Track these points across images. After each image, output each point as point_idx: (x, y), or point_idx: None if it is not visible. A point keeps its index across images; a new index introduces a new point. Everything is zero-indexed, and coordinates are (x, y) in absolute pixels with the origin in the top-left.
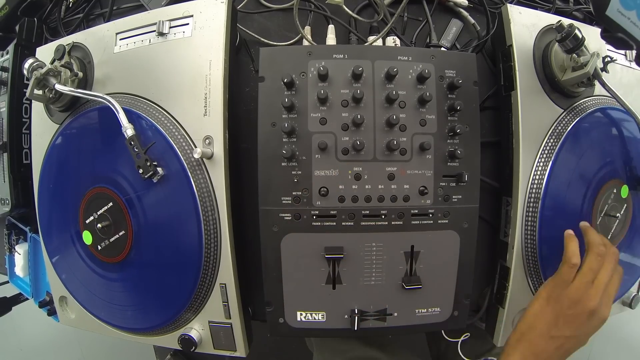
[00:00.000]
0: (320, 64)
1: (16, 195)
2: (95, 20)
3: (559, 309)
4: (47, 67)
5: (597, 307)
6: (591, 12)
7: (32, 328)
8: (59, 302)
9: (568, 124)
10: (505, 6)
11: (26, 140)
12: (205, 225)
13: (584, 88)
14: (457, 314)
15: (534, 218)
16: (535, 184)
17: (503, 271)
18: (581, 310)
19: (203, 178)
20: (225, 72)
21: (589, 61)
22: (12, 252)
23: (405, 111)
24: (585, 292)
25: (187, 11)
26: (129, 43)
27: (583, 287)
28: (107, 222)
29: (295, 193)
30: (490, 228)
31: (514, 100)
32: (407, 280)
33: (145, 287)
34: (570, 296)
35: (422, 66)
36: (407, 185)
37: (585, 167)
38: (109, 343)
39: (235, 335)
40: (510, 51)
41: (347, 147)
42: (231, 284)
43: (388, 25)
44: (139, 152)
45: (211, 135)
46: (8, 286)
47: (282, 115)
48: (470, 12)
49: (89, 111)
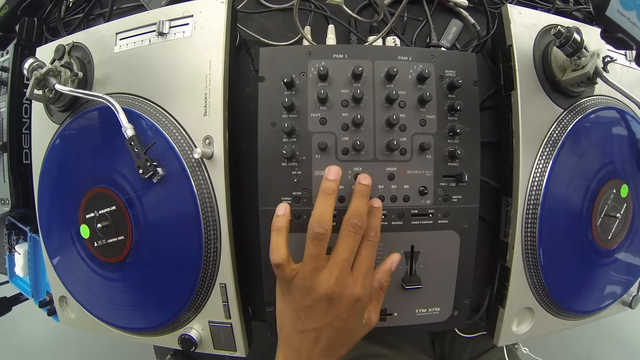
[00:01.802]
0: (320, 63)
1: (16, 195)
2: (95, 20)
3: (294, 302)
4: (47, 67)
5: (332, 293)
6: (591, 12)
7: (32, 328)
8: (59, 302)
9: (568, 124)
10: (505, 6)
11: (26, 140)
12: (205, 225)
13: (584, 88)
14: (457, 314)
15: (534, 218)
16: (535, 184)
17: (503, 271)
18: (315, 299)
19: (203, 178)
20: (225, 72)
21: (589, 61)
22: (12, 252)
23: (405, 111)
24: (314, 278)
25: (187, 11)
26: (129, 43)
27: (308, 275)
28: (107, 222)
29: (295, 193)
30: (490, 228)
31: (514, 100)
32: (407, 280)
33: (145, 287)
34: (299, 286)
35: (422, 66)
36: (407, 185)
37: (586, 167)
38: (109, 343)
39: (235, 335)
40: (510, 51)
41: (347, 147)
42: (231, 284)
43: (388, 25)
44: (139, 153)
45: (211, 135)
46: (8, 286)
47: (282, 115)
48: (470, 12)
49: (89, 111)
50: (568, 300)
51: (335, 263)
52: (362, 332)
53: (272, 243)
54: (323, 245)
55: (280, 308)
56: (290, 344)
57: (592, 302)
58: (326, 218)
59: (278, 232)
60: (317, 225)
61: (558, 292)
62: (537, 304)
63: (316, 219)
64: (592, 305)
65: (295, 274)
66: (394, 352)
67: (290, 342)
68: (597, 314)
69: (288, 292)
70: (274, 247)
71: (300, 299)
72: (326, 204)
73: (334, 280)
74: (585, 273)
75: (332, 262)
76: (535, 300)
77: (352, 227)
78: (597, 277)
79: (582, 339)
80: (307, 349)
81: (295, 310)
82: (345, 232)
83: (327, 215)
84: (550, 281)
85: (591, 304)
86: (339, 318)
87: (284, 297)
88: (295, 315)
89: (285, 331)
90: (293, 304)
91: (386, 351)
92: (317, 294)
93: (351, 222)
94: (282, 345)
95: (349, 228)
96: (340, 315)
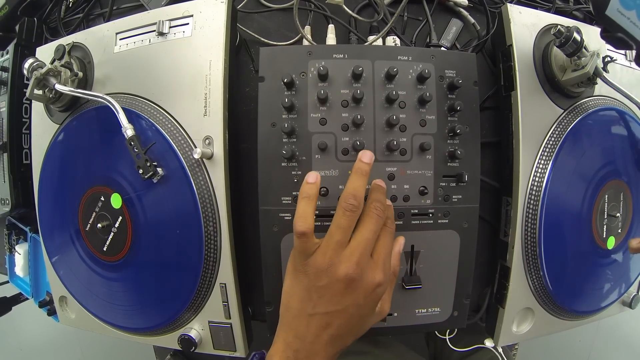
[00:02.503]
0: (320, 63)
1: (16, 195)
2: (95, 20)
3: (308, 282)
4: (47, 67)
5: (353, 273)
6: (591, 11)
7: (32, 328)
8: (59, 302)
9: (568, 124)
10: (505, 6)
11: (26, 140)
12: (205, 225)
13: (584, 88)
14: (457, 314)
15: (534, 218)
16: (535, 184)
17: (503, 271)
18: (333, 279)
19: (203, 178)
20: (225, 72)
21: (589, 61)
22: (12, 252)
23: (405, 111)
24: (335, 257)
25: (187, 11)
26: (129, 43)
27: (329, 251)
28: (107, 222)
29: (295, 193)
30: (490, 228)
31: (514, 100)
32: (407, 280)
33: (145, 286)
34: (316, 264)
35: (422, 66)
36: (407, 185)
37: (586, 167)
38: (109, 343)
39: (235, 335)
40: (510, 51)
41: (347, 147)
42: (231, 284)
43: (388, 25)
44: (139, 153)
45: (211, 136)
46: (8, 286)
47: (282, 115)
48: (470, 11)
49: (89, 111)
50: (568, 301)
51: (359, 243)
52: (373, 322)
53: (299, 210)
54: (353, 220)
55: (289, 287)
56: (294, 328)
57: (592, 302)
58: (360, 194)
59: (307, 199)
60: (351, 198)
61: (558, 292)
62: (537, 304)
63: (351, 193)
64: (592, 305)
65: (315, 248)
66: (380, 350)
67: (294, 326)
68: (597, 314)
69: (302, 269)
70: (301, 214)
71: (315, 277)
72: (360, 182)
73: (356, 260)
74: (586, 273)
75: (355, 241)
76: (535, 301)
77: (376, 210)
78: (597, 277)
79: (582, 339)
80: (313, 335)
81: (307, 290)
82: (369, 214)
83: (361, 192)
84: (550, 281)
85: (591, 304)
86: (355, 304)
87: (295, 275)
88: (307, 295)
89: (290, 313)
90: (306, 283)
91: (372, 349)
92: (337, 273)
93: (374, 205)
94: (284, 329)
95: (373, 211)
96: (357, 301)
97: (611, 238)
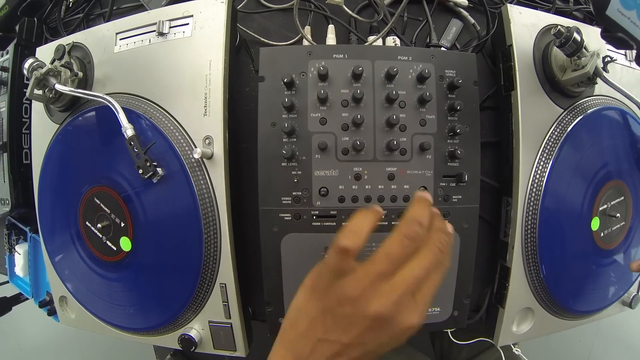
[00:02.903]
0: (320, 63)
1: (16, 195)
2: (95, 20)
3: (327, 304)
4: (47, 67)
5: (387, 313)
6: (591, 12)
7: (32, 328)
8: (59, 302)
9: (568, 124)
10: (505, 6)
11: (26, 140)
12: (205, 225)
13: (584, 88)
14: (457, 314)
15: (534, 218)
16: (535, 184)
17: (503, 271)
18: (359, 313)
19: (203, 178)
20: (225, 72)
21: (589, 61)
22: (12, 252)
23: (405, 111)
24: (370, 288)
25: (187, 11)
26: (129, 43)
27: (367, 281)
28: (106, 222)
29: (295, 193)
30: (490, 228)
31: (514, 100)
32: None
33: (145, 287)
34: (345, 290)
35: (422, 66)
36: (407, 185)
37: (586, 167)
38: (109, 343)
39: (235, 335)
40: (510, 51)
41: (347, 147)
42: (231, 284)
43: (388, 25)
44: (138, 153)
45: (211, 135)
46: (8, 286)
47: (282, 115)
48: (470, 12)
49: (89, 111)
50: (568, 300)
51: (406, 280)
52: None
53: (354, 222)
54: (409, 251)
55: (302, 302)
56: (295, 349)
57: (592, 302)
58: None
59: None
60: (417, 225)
61: (558, 292)
62: (537, 304)
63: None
64: (592, 305)
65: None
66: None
67: (296, 347)
68: (597, 314)
69: (326, 288)
70: (355, 229)
71: (337, 303)
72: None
73: (395, 299)
74: (585, 273)
75: (401, 277)
76: (535, 300)
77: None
78: (597, 277)
79: (582, 339)
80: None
81: (322, 313)
82: (430, 247)
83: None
84: (550, 281)
85: (591, 304)
86: (377, 342)
87: (314, 292)
88: (321, 318)
89: (296, 332)
90: (324, 304)
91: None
92: (367, 308)
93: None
94: (284, 347)
95: (437, 244)
96: (380, 340)
97: (595, 219)
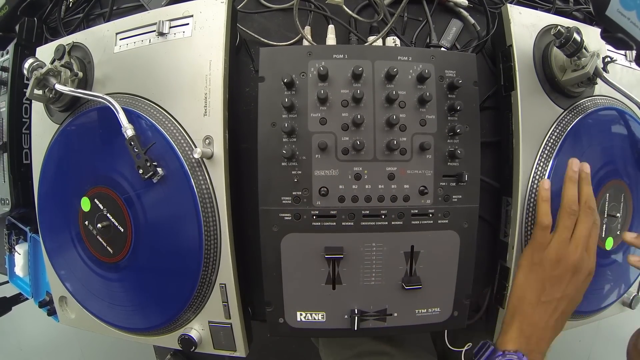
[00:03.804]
0: (320, 64)
1: (16, 195)
2: (95, 20)
3: (542, 273)
4: (47, 67)
5: (579, 261)
6: (591, 12)
7: (32, 328)
8: (59, 302)
9: (568, 124)
10: (505, 6)
11: (26, 140)
12: (205, 225)
13: (584, 88)
14: (457, 314)
15: (534, 218)
16: (535, 184)
17: (503, 271)
18: (564, 269)
19: (203, 178)
20: (225, 72)
21: (589, 61)
22: (12, 252)
23: (405, 111)
24: (565, 250)
25: (187, 11)
26: (129, 43)
27: (561, 245)
28: (107, 222)
29: (295, 193)
30: (490, 228)
31: (514, 100)
32: (407, 281)
33: (145, 287)
34: (550, 257)
35: (422, 66)
36: (407, 185)
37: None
38: (109, 343)
39: (235, 335)
40: (510, 51)
41: (347, 147)
42: (231, 284)
43: (388, 25)
44: (139, 153)
45: (211, 135)
46: (8, 286)
47: (282, 115)
48: (470, 12)
49: (89, 111)
50: None
51: (579, 238)
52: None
53: (542, 209)
54: (574, 220)
55: (523, 279)
56: (527, 317)
57: (592, 303)
58: (576, 199)
59: (547, 202)
60: (573, 205)
61: None
62: None
63: (571, 200)
64: (592, 305)
65: (548, 242)
66: (397, 349)
67: (528, 314)
68: (597, 314)
69: (538, 263)
70: (545, 213)
71: (550, 268)
72: (574, 189)
73: (580, 252)
74: None
75: (576, 237)
76: None
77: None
78: (597, 278)
79: (582, 339)
80: (544, 321)
81: (541, 281)
82: (584, 213)
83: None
84: None
85: (591, 304)
86: (575, 288)
87: (531, 268)
88: (541, 286)
89: (525, 303)
90: (541, 274)
91: (389, 349)
92: (567, 263)
93: (589, 204)
94: (518, 318)
95: (587, 210)
96: (577, 286)
97: (609, 239)
